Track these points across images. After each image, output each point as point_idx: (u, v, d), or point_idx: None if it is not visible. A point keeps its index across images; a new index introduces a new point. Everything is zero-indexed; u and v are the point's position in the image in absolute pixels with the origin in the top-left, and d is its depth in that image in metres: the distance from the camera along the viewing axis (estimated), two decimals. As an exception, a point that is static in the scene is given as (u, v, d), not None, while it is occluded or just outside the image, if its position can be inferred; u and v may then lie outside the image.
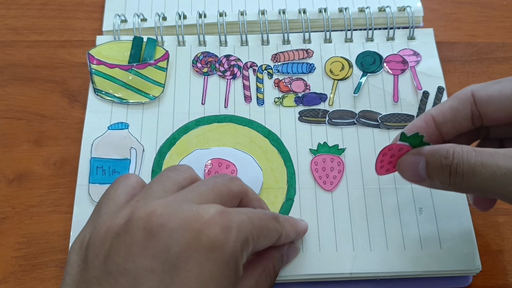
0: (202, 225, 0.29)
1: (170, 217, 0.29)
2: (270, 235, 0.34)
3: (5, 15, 0.58)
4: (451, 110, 0.37)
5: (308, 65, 0.51)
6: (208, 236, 0.29)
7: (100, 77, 0.49)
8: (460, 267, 0.42)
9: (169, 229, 0.29)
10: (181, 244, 0.28)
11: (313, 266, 0.42)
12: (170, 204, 0.30)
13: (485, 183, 0.32)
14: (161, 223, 0.29)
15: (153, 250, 0.28)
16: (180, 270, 0.28)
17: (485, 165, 0.31)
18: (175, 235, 0.29)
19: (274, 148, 0.47)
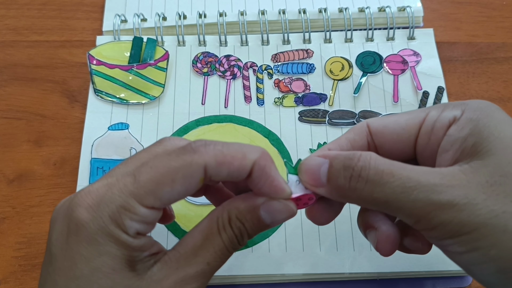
0: (70, 210, 0.28)
1: (57, 209, 0.30)
2: (182, 175, 0.28)
3: (5, 15, 0.58)
4: (348, 141, 0.34)
5: (308, 65, 0.51)
6: (74, 219, 0.28)
7: (100, 78, 0.49)
8: (458, 268, 0.42)
9: (54, 220, 0.30)
10: (57, 232, 0.29)
11: (313, 266, 0.42)
12: (69, 197, 0.30)
13: (392, 194, 0.28)
14: (54, 217, 0.30)
15: (49, 240, 0.29)
16: (57, 259, 0.28)
17: (395, 175, 0.28)
18: (54, 225, 0.29)
19: (274, 148, 0.47)
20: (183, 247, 0.30)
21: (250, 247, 0.43)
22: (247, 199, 0.31)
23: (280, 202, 0.31)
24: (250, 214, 0.30)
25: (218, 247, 0.30)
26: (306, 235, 0.43)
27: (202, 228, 0.30)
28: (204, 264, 0.29)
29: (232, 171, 0.29)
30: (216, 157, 0.28)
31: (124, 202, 0.28)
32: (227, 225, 0.30)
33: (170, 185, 0.28)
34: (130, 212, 0.28)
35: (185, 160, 0.28)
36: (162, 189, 0.28)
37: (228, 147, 0.29)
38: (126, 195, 0.28)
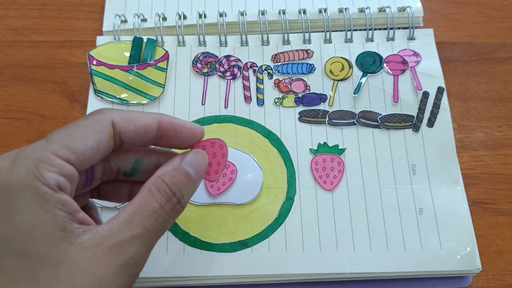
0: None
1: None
2: (91, 129, 0.30)
3: (5, 15, 0.58)
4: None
5: (308, 65, 0.51)
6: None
7: (100, 78, 0.49)
8: (460, 267, 0.42)
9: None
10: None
11: (313, 266, 0.42)
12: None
13: None
14: None
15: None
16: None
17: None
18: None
19: (274, 148, 0.47)
20: (116, 219, 0.29)
21: (250, 247, 0.43)
22: (170, 162, 0.32)
23: (195, 152, 0.33)
24: (178, 172, 0.32)
25: (153, 209, 0.30)
26: (306, 235, 0.43)
27: (133, 200, 0.30)
28: (139, 228, 0.29)
29: (138, 127, 0.31)
30: (121, 115, 0.31)
31: (40, 155, 0.28)
32: (163, 186, 0.31)
33: (82, 140, 0.29)
34: (47, 163, 0.28)
35: (93, 119, 0.30)
36: (75, 143, 0.29)
37: (130, 112, 0.32)
38: (40, 150, 0.28)
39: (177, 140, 0.34)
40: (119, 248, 0.28)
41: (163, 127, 0.33)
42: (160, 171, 0.32)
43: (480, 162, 0.50)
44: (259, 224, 0.44)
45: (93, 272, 0.28)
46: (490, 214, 0.48)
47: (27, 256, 0.27)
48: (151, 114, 0.32)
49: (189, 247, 0.43)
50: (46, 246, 0.27)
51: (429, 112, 0.49)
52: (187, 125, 0.34)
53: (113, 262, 0.28)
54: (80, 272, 0.27)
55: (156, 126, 0.32)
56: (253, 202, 0.45)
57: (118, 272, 0.28)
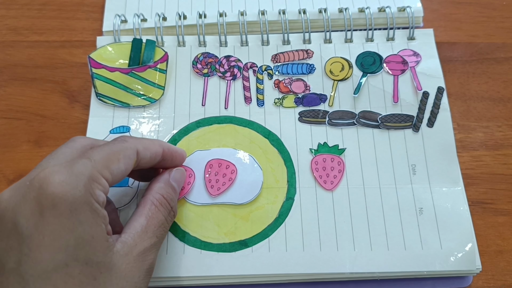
0: (39, 190, 0.30)
1: (12, 197, 0.31)
2: (123, 156, 0.35)
3: (5, 15, 0.58)
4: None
5: (308, 65, 0.51)
6: (46, 197, 0.30)
7: (101, 81, 0.49)
8: (460, 267, 0.42)
9: (12, 208, 0.31)
10: (26, 215, 0.30)
11: (314, 265, 0.42)
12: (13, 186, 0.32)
13: None
14: (4, 207, 0.31)
15: (5, 233, 0.31)
16: (33, 238, 0.30)
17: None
18: (18, 210, 0.30)
19: (274, 148, 0.47)
20: (133, 229, 0.35)
21: (250, 247, 0.43)
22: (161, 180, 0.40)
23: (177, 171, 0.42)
24: (169, 187, 0.40)
25: (161, 221, 0.37)
26: (306, 235, 0.43)
27: (141, 212, 0.37)
28: (154, 238, 0.36)
29: (152, 154, 0.38)
30: (141, 144, 0.37)
31: (91, 174, 0.32)
32: (163, 201, 0.38)
33: (117, 162, 0.34)
34: (97, 182, 0.32)
35: (123, 145, 0.36)
36: (112, 165, 0.34)
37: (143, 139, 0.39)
38: (90, 169, 0.32)
39: (171, 163, 0.42)
40: (143, 255, 0.35)
41: (164, 153, 0.40)
42: (156, 186, 0.39)
43: (480, 162, 0.50)
44: (259, 224, 0.44)
45: (131, 276, 0.34)
46: (490, 214, 0.48)
47: (90, 263, 0.31)
48: (156, 142, 0.40)
49: (189, 247, 0.43)
50: (101, 255, 0.32)
51: (429, 112, 0.49)
52: (179, 150, 0.42)
53: (141, 267, 0.34)
54: (124, 277, 0.33)
55: (161, 153, 0.39)
56: (253, 202, 0.45)
57: (145, 275, 0.35)
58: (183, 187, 0.44)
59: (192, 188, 0.45)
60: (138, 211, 0.37)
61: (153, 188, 0.39)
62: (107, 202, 0.38)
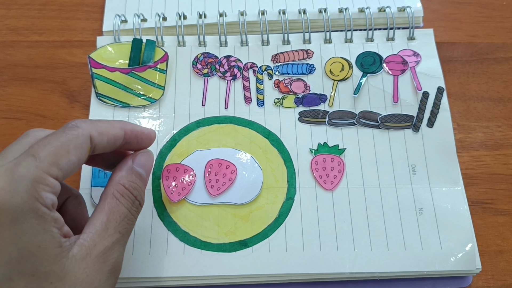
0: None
1: None
2: (74, 146, 0.31)
3: (5, 15, 0.58)
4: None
5: (308, 65, 0.51)
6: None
7: (101, 81, 0.49)
8: (460, 267, 0.42)
9: None
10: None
11: (314, 265, 0.42)
12: None
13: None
14: None
15: None
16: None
17: None
18: None
19: (274, 148, 0.47)
20: (91, 228, 0.32)
21: (250, 247, 0.43)
22: (123, 168, 0.36)
23: (140, 154, 0.37)
24: (132, 173, 0.36)
25: (123, 215, 0.34)
26: (306, 235, 0.43)
27: (102, 207, 0.33)
28: (116, 234, 0.33)
29: (110, 139, 0.34)
30: (96, 129, 0.33)
31: (35, 175, 0.29)
32: (125, 191, 0.35)
33: (67, 156, 0.31)
34: (43, 183, 0.29)
35: (73, 134, 0.32)
36: (61, 160, 0.30)
37: (100, 121, 0.34)
38: (34, 170, 0.29)
39: (137, 145, 0.37)
40: (104, 255, 0.32)
41: (127, 136, 0.36)
42: (117, 175, 0.35)
43: (480, 162, 0.50)
44: (259, 224, 0.44)
45: (90, 281, 0.31)
46: (490, 214, 0.48)
47: (37, 275, 0.29)
48: (116, 124, 0.35)
49: (189, 247, 0.43)
50: (51, 264, 0.29)
51: (429, 112, 0.49)
52: (145, 131, 0.38)
53: (103, 268, 0.32)
54: (81, 283, 0.30)
55: (123, 136, 0.35)
56: (253, 202, 0.45)
57: (108, 277, 0.32)
58: (183, 187, 0.44)
59: (192, 188, 0.45)
60: (98, 206, 0.34)
61: (113, 178, 0.35)
62: (73, 197, 0.37)
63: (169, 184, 0.44)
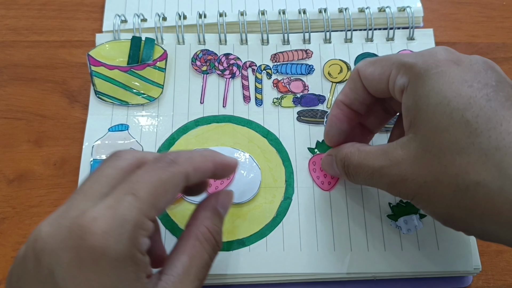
0: (80, 240, 0.27)
1: (49, 237, 0.28)
2: (171, 185, 0.30)
3: (5, 15, 0.58)
4: (351, 90, 0.40)
5: (307, 66, 0.51)
6: (87, 249, 0.27)
7: (100, 79, 0.49)
8: (458, 268, 0.42)
9: (49, 251, 0.27)
10: (63, 265, 0.27)
11: (311, 266, 0.42)
12: (52, 221, 0.29)
13: (365, 181, 0.37)
14: (42, 247, 0.27)
15: (40, 277, 0.28)
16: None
17: (362, 165, 0.36)
18: (55, 256, 0.27)
19: (273, 148, 0.47)
20: (174, 270, 0.31)
21: (248, 246, 0.43)
22: (208, 207, 0.35)
23: (225, 194, 0.37)
24: (216, 216, 0.35)
25: (205, 261, 0.33)
26: (303, 235, 0.43)
27: (184, 248, 0.32)
28: (197, 281, 0.32)
29: (202, 174, 0.33)
30: (192, 165, 0.32)
31: (137, 220, 0.28)
32: (209, 235, 0.34)
33: (164, 195, 0.30)
34: (143, 228, 0.28)
35: (172, 172, 0.30)
36: (160, 201, 0.29)
37: (193, 155, 0.33)
38: (136, 213, 0.28)
39: (220, 176, 0.36)
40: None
41: (216, 169, 0.34)
42: (201, 215, 0.35)
43: (480, 162, 0.50)
44: (257, 223, 0.44)
45: None
46: (490, 214, 0.48)
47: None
48: (208, 156, 0.34)
49: (187, 246, 0.43)
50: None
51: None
52: (231, 163, 0.36)
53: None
54: None
55: (212, 169, 0.34)
56: (251, 201, 0.45)
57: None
58: None
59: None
60: (181, 245, 0.33)
61: (197, 217, 0.34)
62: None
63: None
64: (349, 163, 0.38)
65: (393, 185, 0.34)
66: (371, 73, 0.37)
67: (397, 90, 0.35)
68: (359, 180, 0.38)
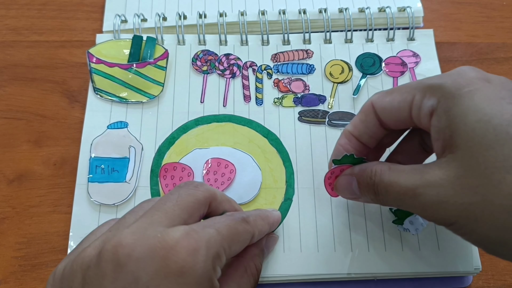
0: (169, 251, 0.29)
1: (136, 246, 0.29)
2: (242, 239, 0.34)
3: (5, 15, 0.58)
4: (361, 122, 0.39)
5: (308, 66, 0.51)
6: (175, 261, 0.28)
7: (99, 76, 0.49)
8: (458, 268, 0.42)
9: (136, 258, 0.28)
10: (149, 273, 0.28)
11: (311, 266, 0.42)
12: (136, 231, 0.30)
13: (395, 202, 0.34)
14: (127, 253, 0.29)
15: (122, 281, 0.28)
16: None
17: (393, 184, 0.33)
18: (142, 264, 0.28)
19: (273, 148, 0.47)
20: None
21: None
22: (259, 245, 0.39)
23: (272, 238, 0.42)
24: (262, 255, 0.39)
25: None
26: (304, 236, 0.43)
27: (234, 277, 0.35)
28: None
29: (262, 236, 0.38)
30: (259, 228, 0.36)
31: (218, 249, 0.31)
32: (254, 270, 0.37)
33: (236, 244, 0.33)
34: (220, 259, 0.31)
35: (246, 229, 0.34)
36: (232, 245, 0.32)
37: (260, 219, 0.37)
38: (218, 243, 0.31)
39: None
40: None
41: (270, 229, 0.39)
42: (253, 251, 0.38)
43: (480, 163, 0.50)
44: (257, 224, 0.44)
45: None
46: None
47: None
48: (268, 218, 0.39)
49: (187, 246, 0.43)
50: None
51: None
52: (277, 219, 0.40)
53: None
54: None
55: (268, 230, 0.39)
56: (252, 202, 0.45)
57: None
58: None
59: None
60: (231, 274, 0.36)
61: (249, 252, 0.37)
62: None
63: (167, 183, 0.44)
64: (380, 181, 0.35)
65: (428, 207, 0.32)
66: (389, 103, 0.36)
67: (424, 114, 0.34)
68: (388, 200, 0.35)
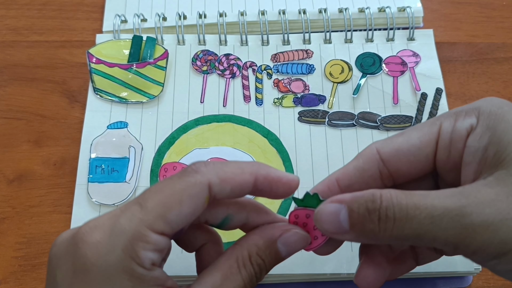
0: (75, 247, 0.27)
1: (60, 243, 0.28)
2: (187, 195, 0.27)
3: (5, 15, 0.58)
4: (357, 171, 0.33)
5: (307, 66, 0.51)
6: (79, 258, 0.26)
7: (99, 76, 0.49)
8: (458, 268, 0.42)
9: (55, 257, 0.28)
10: (62, 272, 0.27)
11: (311, 266, 0.42)
12: (70, 230, 0.28)
13: (421, 226, 0.27)
14: (53, 252, 0.28)
15: (49, 281, 0.28)
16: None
17: (419, 207, 0.27)
18: (58, 263, 0.27)
19: (273, 148, 0.47)
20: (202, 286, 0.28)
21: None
22: (264, 234, 0.31)
23: (295, 233, 0.31)
24: (268, 249, 0.30)
25: (238, 286, 0.29)
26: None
27: (221, 266, 0.29)
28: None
29: (234, 186, 0.29)
30: (218, 174, 0.28)
31: (135, 231, 0.26)
32: (248, 262, 0.30)
33: (178, 207, 0.27)
34: (143, 241, 0.26)
35: (189, 181, 0.28)
36: (170, 212, 0.27)
37: (226, 165, 0.29)
38: (135, 223, 0.26)
39: (272, 194, 0.31)
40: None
41: (258, 183, 0.30)
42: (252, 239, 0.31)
43: (480, 162, 0.50)
44: (257, 224, 0.44)
45: None
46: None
47: None
48: (247, 168, 0.30)
49: (187, 246, 0.43)
50: None
51: (428, 113, 0.49)
52: (284, 179, 0.31)
53: None
54: None
55: (252, 183, 0.30)
56: (252, 202, 0.45)
57: None
58: None
59: None
60: (218, 263, 0.30)
61: (247, 240, 0.31)
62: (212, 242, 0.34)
63: (167, 184, 0.44)
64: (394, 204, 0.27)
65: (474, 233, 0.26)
66: (405, 142, 0.31)
67: (458, 137, 0.30)
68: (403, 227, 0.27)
